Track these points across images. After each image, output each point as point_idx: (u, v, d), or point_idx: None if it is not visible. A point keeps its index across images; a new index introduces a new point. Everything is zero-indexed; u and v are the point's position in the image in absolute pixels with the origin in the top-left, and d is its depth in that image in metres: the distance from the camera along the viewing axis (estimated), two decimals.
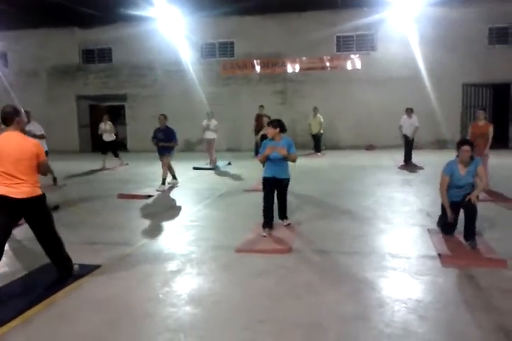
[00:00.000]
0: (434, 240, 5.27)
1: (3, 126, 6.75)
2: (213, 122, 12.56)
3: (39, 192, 4.04)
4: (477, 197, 5.14)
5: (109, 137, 13.24)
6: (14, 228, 4.05)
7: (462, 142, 5.22)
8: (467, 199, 5.06)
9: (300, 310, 3.59)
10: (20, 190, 3.88)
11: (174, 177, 9.87)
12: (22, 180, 3.90)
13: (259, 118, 14.94)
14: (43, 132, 9.33)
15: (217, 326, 3.37)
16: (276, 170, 5.72)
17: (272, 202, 5.73)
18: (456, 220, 5.35)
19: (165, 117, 9.60)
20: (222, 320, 3.46)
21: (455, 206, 5.27)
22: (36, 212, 4.08)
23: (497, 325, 3.27)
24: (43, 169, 4.11)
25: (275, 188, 5.77)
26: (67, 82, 19.45)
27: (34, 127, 9.26)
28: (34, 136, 9.05)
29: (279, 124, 5.80)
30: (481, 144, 8.19)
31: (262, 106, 15.23)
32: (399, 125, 12.38)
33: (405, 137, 12.17)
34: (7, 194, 3.85)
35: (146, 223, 6.66)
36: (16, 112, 4.09)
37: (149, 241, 5.67)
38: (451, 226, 5.39)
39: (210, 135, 12.57)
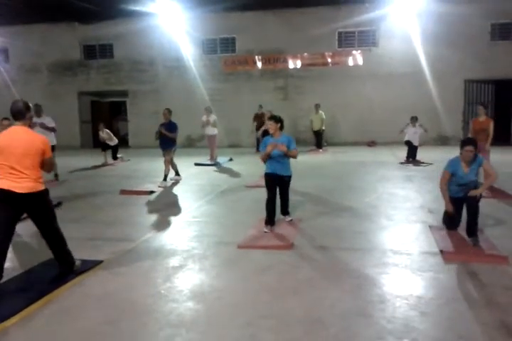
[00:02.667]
0: (435, 236, 5.27)
1: (5, 122, 6.72)
2: (212, 117, 12.57)
3: (41, 187, 4.04)
4: (480, 194, 5.12)
5: (111, 142, 13.22)
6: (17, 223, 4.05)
7: (466, 142, 5.12)
8: (469, 194, 5.02)
9: (301, 306, 3.59)
10: (22, 185, 3.88)
11: (177, 174, 9.88)
12: (25, 174, 3.90)
13: (257, 117, 14.98)
14: (54, 125, 9.52)
15: (219, 322, 3.38)
16: (277, 167, 5.72)
17: (275, 198, 5.74)
18: (460, 216, 5.34)
19: (169, 111, 9.48)
20: (224, 316, 3.46)
21: (458, 201, 5.25)
22: (38, 207, 4.08)
23: (499, 321, 3.27)
24: (47, 166, 4.14)
25: (277, 184, 5.78)
26: (69, 78, 19.44)
27: (46, 120, 9.39)
28: (46, 128, 9.15)
29: (280, 120, 5.81)
30: (482, 139, 8.15)
31: (261, 106, 15.19)
32: (400, 130, 12.36)
33: (409, 143, 12.12)
34: (10, 188, 3.84)
35: (148, 219, 6.67)
36: (27, 107, 4.09)
37: (151, 236, 5.67)
38: (454, 222, 5.38)
39: (210, 131, 12.57)
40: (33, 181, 3.95)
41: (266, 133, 7.53)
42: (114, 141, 13.28)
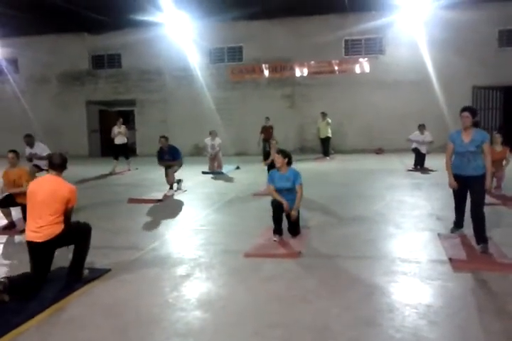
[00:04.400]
0: (444, 244, 5.22)
1: (10, 155, 6.83)
2: (217, 141, 12.66)
3: (60, 229, 4.21)
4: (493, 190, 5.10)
5: (120, 140, 13.41)
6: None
7: (463, 109, 5.18)
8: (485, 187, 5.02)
9: (310, 314, 3.57)
10: (41, 234, 4.12)
11: (171, 186, 9.56)
12: (45, 222, 4.13)
13: (265, 129, 15.09)
14: (48, 152, 9.26)
15: (227, 330, 3.36)
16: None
17: (281, 215, 5.65)
18: (464, 203, 5.34)
19: (166, 139, 9.57)
20: (232, 325, 3.45)
21: (461, 180, 5.18)
22: (62, 243, 4.33)
23: (510, 330, 3.22)
24: (67, 214, 4.32)
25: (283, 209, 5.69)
26: (77, 88, 19.63)
27: (39, 149, 9.31)
28: (40, 158, 9.12)
29: (288, 156, 5.78)
30: (499, 168, 8.01)
31: (268, 118, 15.22)
32: (408, 138, 12.30)
33: (416, 150, 12.08)
34: (32, 239, 4.15)
35: (155, 227, 6.67)
36: (65, 162, 4.43)
37: (158, 245, 5.68)
38: (460, 204, 5.40)
39: (215, 151, 12.66)
40: (52, 227, 4.17)
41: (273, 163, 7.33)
42: (124, 140, 13.54)
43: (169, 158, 9.48)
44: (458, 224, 5.59)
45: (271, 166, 9.08)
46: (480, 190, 5.05)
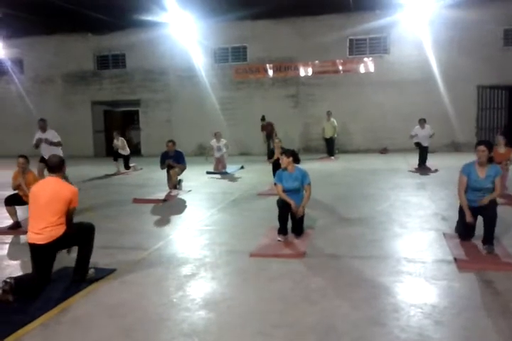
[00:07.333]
0: (449, 244, 5.21)
1: (21, 160, 6.83)
2: (223, 142, 12.66)
3: (61, 232, 4.20)
4: (494, 202, 5.04)
5: (123, 152, 13.37)
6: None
7: (479, 142, 5.12)
8: (479, 203, 4.98)
9: (314, 314, 3.56)
10: (44, 236, 4.13)
11: (174, 187, 9.57)
12: (49, 222, 4.13)
13: (264, 127, 15.25)
14: (59, 139, 9.48)
15: (232, 330, 3.36)
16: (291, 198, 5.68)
17: (287, 213, 5.66)
18: (474, 226, 5.25)
19: (173, 143, 9.54)
20: (236, 325, 3.45)
21: (473, 212, 5.12)
22: (65, 245, 4.35)
23: None
24: (69, 215, 4.32)
25: (289, 208, 5.69)
26: (82, 88, 19.69)
27: (50, 135, 9.40)
28: (51, 143, 9.21)
29: (292, 154, 5.80)
30: (503, 169, 7.96)
31: (263, 118, 15.35)
32: (410, 135, 12.28)
33: (419, 144, 12.08)
34: (34, 242, 4.14)
35: (160, 227, 6.69)
36: (63, 163, 4.47)
37: (163, 245, 5.69)
38: (469, 232, 5.29)
39: (220, 153, 12.67)
40: (54, 229, 4.16)
41: (278, 162, 7.28)
42: (126, 151, 13.42)
43: (174, 161, 9.47)
44: None
45: (276, 165, 9.08)
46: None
